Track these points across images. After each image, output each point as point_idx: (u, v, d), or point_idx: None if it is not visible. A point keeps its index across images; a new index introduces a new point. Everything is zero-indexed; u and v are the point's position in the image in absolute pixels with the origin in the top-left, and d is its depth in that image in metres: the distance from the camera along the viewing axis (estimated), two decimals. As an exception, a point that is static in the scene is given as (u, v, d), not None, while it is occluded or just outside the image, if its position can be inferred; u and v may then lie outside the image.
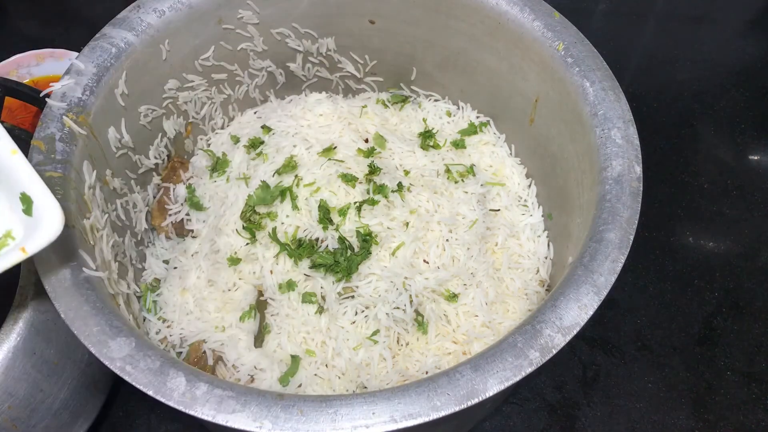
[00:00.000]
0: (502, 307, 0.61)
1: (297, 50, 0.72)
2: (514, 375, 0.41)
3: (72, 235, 0.48)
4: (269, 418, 0.39)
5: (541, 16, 0.60)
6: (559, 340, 0.42)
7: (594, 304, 0.44)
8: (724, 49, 1.05)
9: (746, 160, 0.92)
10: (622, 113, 0.54)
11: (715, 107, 0.97)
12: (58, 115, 0.53)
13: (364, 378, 0.55)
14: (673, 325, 0.77)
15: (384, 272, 0.58)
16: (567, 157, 0.60)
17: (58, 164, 0.51)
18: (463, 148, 0.70)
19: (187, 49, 0.65)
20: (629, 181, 0.50)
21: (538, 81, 0.62)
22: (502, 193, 0.68)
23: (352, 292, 0.58)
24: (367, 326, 0.57)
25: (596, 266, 0.46)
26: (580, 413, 0.70)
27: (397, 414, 0.39)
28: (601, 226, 0.48)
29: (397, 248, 0.59)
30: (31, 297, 0.53)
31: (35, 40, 0.96)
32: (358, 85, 0.77)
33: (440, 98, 0.76)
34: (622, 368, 0.73)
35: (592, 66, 0.57)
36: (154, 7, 0.60)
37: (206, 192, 0.67)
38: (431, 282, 0.59)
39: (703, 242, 0.84)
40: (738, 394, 0.72)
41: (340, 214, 0.60)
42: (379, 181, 0.62)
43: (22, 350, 0.51)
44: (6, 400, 0.51)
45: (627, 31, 1.08)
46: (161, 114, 0.66)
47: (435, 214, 0.62)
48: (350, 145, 0.66)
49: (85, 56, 0.57)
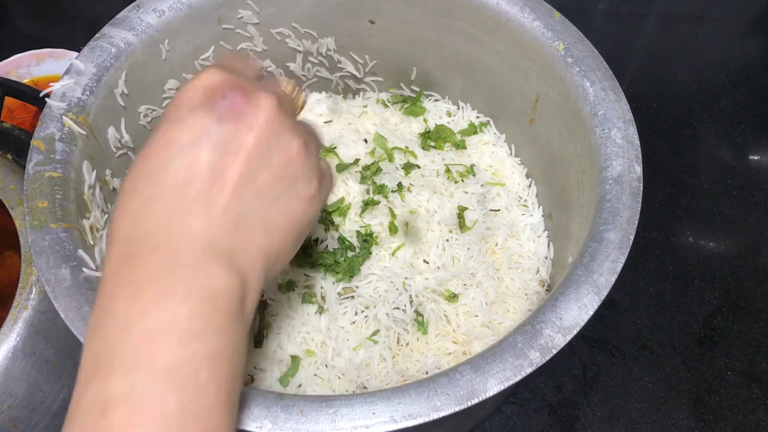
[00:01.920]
0: (502, 307, 0.61)
1: (297, 50, 0.72)
2: (515, 375, 0.41)
3: (72, 235, 0.48)
4: (269, 418, 0.39)
5: (541, 16, 0.60)
6: (559, 340, 0.42)
7: (594, 304, 0.44)
8: (724, 49, 1.05)
9: (746, 160, 0.92)
10: (622, 113, 0.54)
11: (715, 107, 0.97)
12: (57, 115, 0.53)
13: (364, 378, 0.55)
14: (673, 325, 0.76)
15: (384, 272, 0.58)
16: (567, 157, 0.60)
17: (57, 164, 0.51)
18: (463, 149, 0.70)
19: (187, 49, 0.65)
20: (629, 181, 0.50)
21: (538, 81, 0.62)
22: (502, 193, 0.68)
23: (352, 292, 0.58)
24: (367, 326, 0.57)
25: (596, 266, 0.46)
26: (580, 413, 0.70)
27: (397, 414, 0.39)
28: (601, 226, 0.48)
29: (397, 248, 0.59)
30: (31, 297, 0.53)
31: (35, 40, 0.96)
32: (358, 85, 0.77)
33: (440, 98, 0.76)
34: (622, 368, 0.73)
35: (592, 66, 0.57)
36: (154, 6, 0.60)
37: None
38: (431, 282, 0.59)
39: (703, 242, 0.83)
40: (738, 394, 0.72)
41: (341, 215, 0.60)
42: (379, 181, 0.62)
43: (22, 350, 0.51)
44: (6, 400, 0.51)
45: (627, 31, 1.08)
46: (161, 114, 0.66)
47: (435, 214, 0.62)
48: (350, 145, 0.66)
49: (84, 56, 0.57)
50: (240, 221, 0.32)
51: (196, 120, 0.31)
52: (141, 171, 0.32)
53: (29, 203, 0.48)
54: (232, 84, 0.33)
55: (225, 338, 0.30)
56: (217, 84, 0.32)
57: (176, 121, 0.32)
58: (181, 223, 0.30)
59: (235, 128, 0.32)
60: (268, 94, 0.33)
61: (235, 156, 0.31)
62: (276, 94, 0.34)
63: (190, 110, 0.32)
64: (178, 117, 0.32)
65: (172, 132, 0.31)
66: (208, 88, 0.32)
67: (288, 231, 0.35)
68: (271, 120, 0.33)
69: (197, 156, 0.31)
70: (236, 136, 0.32)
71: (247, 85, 0.33)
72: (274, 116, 0.33)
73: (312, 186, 0.36)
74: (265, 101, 0.33)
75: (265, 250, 0.33)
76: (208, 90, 0.32)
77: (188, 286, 0.29)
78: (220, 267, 0.30)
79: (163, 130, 0.32)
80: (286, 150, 0.34)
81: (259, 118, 0.32)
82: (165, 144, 0.31)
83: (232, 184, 0.31)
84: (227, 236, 0.31)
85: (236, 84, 0.33)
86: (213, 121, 0.31)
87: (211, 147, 0.31)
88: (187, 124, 0.31)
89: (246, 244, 0.32)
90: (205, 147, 0.31)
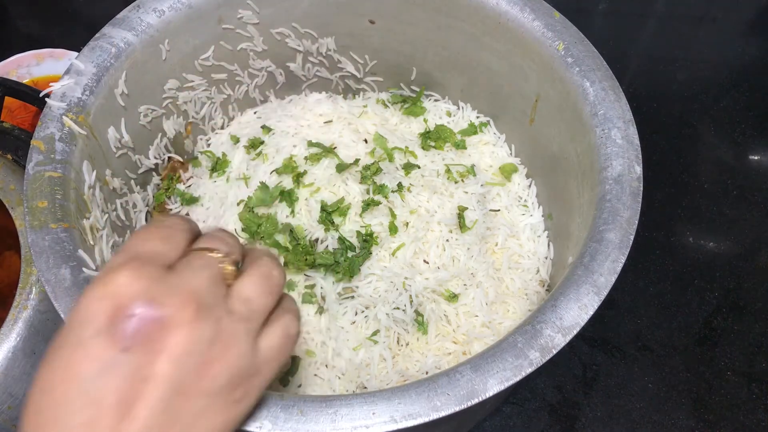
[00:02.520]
0: (502, 308, 0.61)
1: (297, 50, 0.72)
2: (515, 375, 0.41)
3: (72, 235, 0.48)
4: (269, 418, 0.39)
5: (541, 16, 0.60)
6: (559, 340, 0.42)
7: (594, 304, 0.44)
8: (724, 49, 1.05)
9: (746, 160, 0.92)
10: (622, 113, 0.54)
11: (715, 107, 0.97)
12: (57, 115, 0.53)
13: (364, 378, 0.55)
14: (673, 325, 0.76)
15: (384, 272, 0.58)
16: (567, 157, 0.60)
17: (57, 164, 0.51)
18: (463, 149, 0.70)
19: (187, 49, 0.65)
20: (629, 181, 0.50)
21: (538, 81, 0.62)
22: (502, 193, 0.68)
23: (352, 292, 0.58)
24: (367, 326, 0.57)
25: (596, 266, 0.46)
26: (580, 413, 0.70)
27: (397, 414, 0.39)
28: (602, 226, 0.48)
29: (397, 249, 0.59)
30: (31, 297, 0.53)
31: (35, 40, 0.96)
32: (358, 85, 0.77)
33: (440, 98, 0.76)
34: (622, 368, 0.73)
35: (592, 66, 0.57)
36: (154, 6, 0.60)
37: (206, 192, 0.67)
38: (431, 282, 0.59)
39: (703, 242, 0.84)
40: (738, 394, 0.72)
41: (341, 215, 0.60)
42: (379, 181, 0.62)
43: (22, 350, 0.51)
44: (6, 400, 0.51)
45: (627, 31, 1.08)
46: (161, 114, 0.66)
47: (435, 214, 0.62)
48: (350, 146, 0.66)
49: (84, 56, 0.57)
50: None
51: (99, 349, 0.29)
52: (43, 408, 0.29)
53: (29, 203, 0.48)
54: (142, 296, 0.30)
55: None
56: (124, 297, 0.30)
57: (77, 347, 0.29)
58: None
59: (143, 356, 0.29)
60: (188, 293, 0.31)
61: (145, 385, 0.29)
62: (202, 279, 0.32)
63: (93, 334, 0.29)
64: (80, 341, 0.29)
65: (74, 360, 0.29)
66: (114, 305, 0.29)
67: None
68: (192, 331, 0.30)
69: (102, 391, 0.28)
70: (145, 365, 0.29)
71: (161, 289, 0.30)
72: (195, 325, 0.30)
73: (246, 388, 0.33)
74: (182, 311, 0.30)
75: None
76: (113, 307, 0.29)
77: None
78: None
79: (64, 356, 0.29)
80: (209, 361, 0.31)
81: (172, 338, 0.30)
82: (67, 377, 0.29)
83: (142, 420, 0.29)
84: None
85: (146, 294, 0.30)
86: (117, 351, 0.29)
87: (118, 379, 0.29)
88: (90, 353, 0.29)
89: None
90: (110, 380, 0.29)
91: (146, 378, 0.29)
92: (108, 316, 0.29)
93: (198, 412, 0.31)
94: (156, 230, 0.34)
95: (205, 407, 0.31)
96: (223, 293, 0.33)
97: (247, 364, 0.33)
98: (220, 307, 0.33)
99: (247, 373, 0.33)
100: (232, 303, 0.33)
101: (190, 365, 0.30)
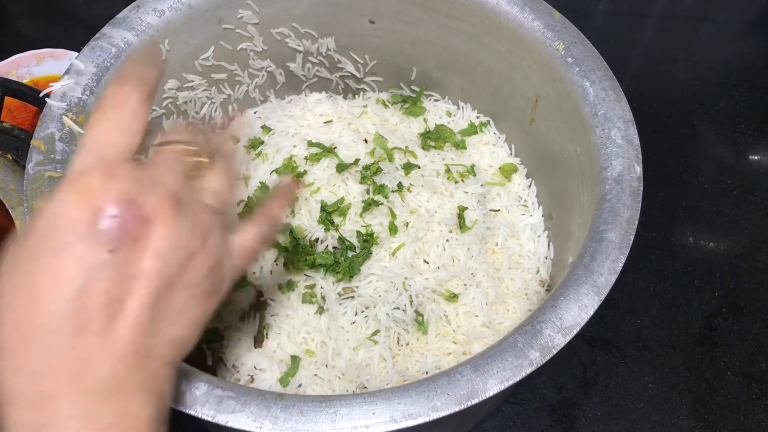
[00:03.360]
0: (502, 308, 0.61)
1: (297, 50, 0.72)
2: (515, 375, 0.41)
3: (72, 235, 0.48)
4: (269, 418, 0.39)
5: (541, 16, 0.60)
6: (559, 340, 0.42)
7: (594, 304, 0.44)
8: (724, 49, 1.05)
9: (746, 160, 0.92)
10: (622, 113, 0.54)
11: (715, 107, 0.97)
12: (57, 115, 0.53)
13: (364, 378, 0.55)
14: (673, 325, 0.76)
15: (384, 272, 0.58)
16: (567, 157, 0.60)
17: (58, 164, 0.51)
18: (463, 149, 0.70)
19: (187, 49, 0.65)
20: (629, 181, 0.50)
21: (538, 81, 0.62)
22: (502, 193, 0.68)
23: (352, 292, 0.58)
24: (367, 326, 0.57)
25: (596, 266, 0.46)
26: (580, 413, 0.70)
27: (397, 414, 0.39)
28: (602, 226, 0.48)
29: (397, 249, 0.59)
30: (31, 297, 0.53)
31: (35, 40, 0.96)
32: (358, 85, 0.77)
33: (440, 98, 0.76)
34: (622, 368, 0.73)
35: (592, 66, 0.57)
36: (154, 6, 0.60)
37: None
38: (431, 282, 0.59)
39: (703, 242, 0.83)
40: (738, 394, 0.72)
41: (341, 215, 0.60)
42: (379, 181, 0.62)
43: (21, 350, 0.51)
44: (6, 400, 0.51)
45: (627, 31, 1.08)
46: (161, 114, 0.66)
47: (435, 214, 0.62)
48: (350, 145, 0.66)
49: (84, 56, 0.57)
50: (148, 351, 0.30)
51: (84, 253, 0.28)
52: (28, 319, 0.28)
53: (29, 203, 0.48)
54: (118, 197, 0.29)
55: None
56: (101, 200, 0.29)
57: (59, 252, 0.28)
58: (86, 367, 0.28)
59: (130, 254, 0.29)
60: (164, 190, 0.31)
61: (134, 282, 0.29)
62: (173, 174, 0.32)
63: (74, 239, 0.28)
64: (60, 246, 0.28)
65: (58, 266, 0.28)
66: (92, 209, 0.29)
67: (194, 331, 0.34)
68: (173, 226, 0.31)
69: (91, 294, 0.28)
70: (133, 262, 0.29)
71: (136, 188, 0.30)
72: (175, 220, 0.31)
73: (219, 279, 0.35)
74: (160, 207, 0.30)
75: (173, 358, 0.33)
76: (91, 211, 0.29)
77: (108, 422, 0.29)
78: (139, 396, 0.30)
79: (44, 263, 0.29)
80: (191, 254, 0.32)
81: (155, 234, 0.30)
82: (51, 284, 0.28)
83: (133, 317, 0.29)
84: (136, 370, 0.30)
85: (122, 194, 0.29)
86: (104, 252, 0.29)
87: (107, 281, 0.29)
88: (75, 257, 0.28)
89: (156, 366, 0.31)
90: (100, 282, 0.28)
91: (134, 276, 0.30)
92: (87, 219, 0.29)
93: (183, 304, 0.32)
94: (112, 114, 0.32)
95: (188, 299, 0.32)
96: (195, 187, 0.35)
97: (221, 254, 0.35)
98: (195, 202, 0.34)
99: (221, 264, 0.35)
100: (203, 196, 0.35)
101: (174, 259, 0.31)
